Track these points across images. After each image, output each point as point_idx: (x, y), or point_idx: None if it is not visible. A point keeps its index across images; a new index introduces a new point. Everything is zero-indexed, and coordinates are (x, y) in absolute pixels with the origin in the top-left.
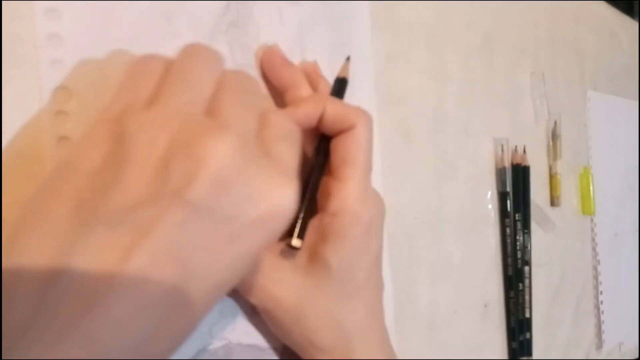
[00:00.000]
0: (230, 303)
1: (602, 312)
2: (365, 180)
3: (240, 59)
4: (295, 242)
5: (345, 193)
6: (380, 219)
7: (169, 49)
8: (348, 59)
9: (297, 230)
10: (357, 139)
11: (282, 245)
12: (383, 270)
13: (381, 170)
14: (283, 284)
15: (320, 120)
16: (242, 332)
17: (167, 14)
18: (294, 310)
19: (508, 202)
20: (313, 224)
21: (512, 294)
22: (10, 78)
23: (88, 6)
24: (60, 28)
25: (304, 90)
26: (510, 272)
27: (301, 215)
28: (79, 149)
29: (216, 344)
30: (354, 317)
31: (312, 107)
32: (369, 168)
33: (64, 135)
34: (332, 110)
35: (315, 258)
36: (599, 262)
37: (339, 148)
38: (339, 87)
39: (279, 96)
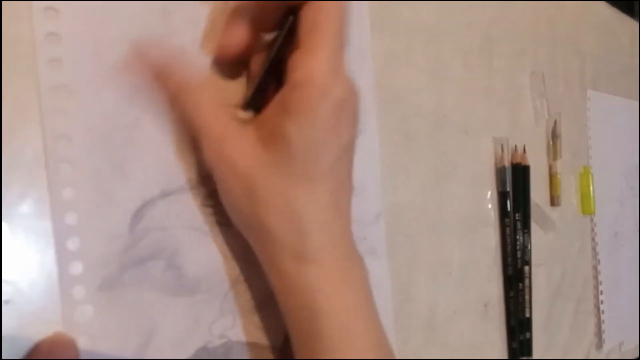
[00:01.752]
0: (230, 301)
1: (602, 311)
2: (336, 53)
3: None
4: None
5: (311, 63)
6: (354, 104)
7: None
8: None
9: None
10: (324, 6)
11: (246, 115)
12: (382, 270)
13: (381, 170)
14: (238, 149)
15: None
16: (241, 330)
17: (165, 12)
18: (245, 178)
19: (508, 201)
20: (277, 99)
21: (512, 293)
22: (9, 77)
23: (86, 5)
24: (58, 27)
25: None
26: (510, 272)
27: (255, 84)
28: None
29: (215, 342)
30: (313, 204)
31: None
32: (340, 41)
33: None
34: None
35: (275, 133)
36: (599, 261)
37: (305, 19)
38: None
39: None
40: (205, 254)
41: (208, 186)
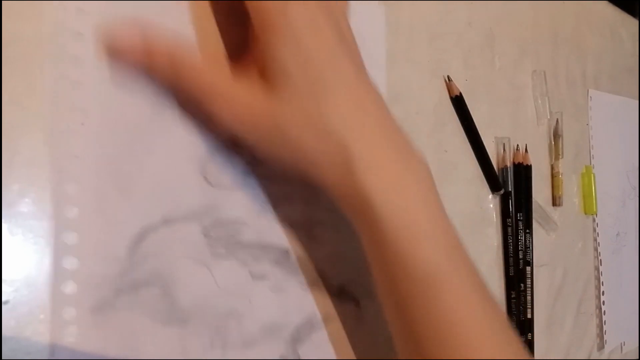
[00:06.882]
0: (221, 335)
1: (604, 312)
2: None
3: None
4: None
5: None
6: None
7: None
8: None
9: None
10: None
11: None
12: None
13: None
14: (244, 106)
15: None
16: None
17: (184, 11)
18: (267, 125)
19: (510, 201)
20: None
21: (513, 294)
22: (10, 77)
23: (112, 6)
24: (84, 27)
25: None
26: (511, 273)
27: None
28: None
29: None
30: (337, 112)
31: None
32: None
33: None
34: None
35: (264, 67)
36: (600, 262)
37: None
38: None
39: None
40: (201, 285)
41: (211, 216)
